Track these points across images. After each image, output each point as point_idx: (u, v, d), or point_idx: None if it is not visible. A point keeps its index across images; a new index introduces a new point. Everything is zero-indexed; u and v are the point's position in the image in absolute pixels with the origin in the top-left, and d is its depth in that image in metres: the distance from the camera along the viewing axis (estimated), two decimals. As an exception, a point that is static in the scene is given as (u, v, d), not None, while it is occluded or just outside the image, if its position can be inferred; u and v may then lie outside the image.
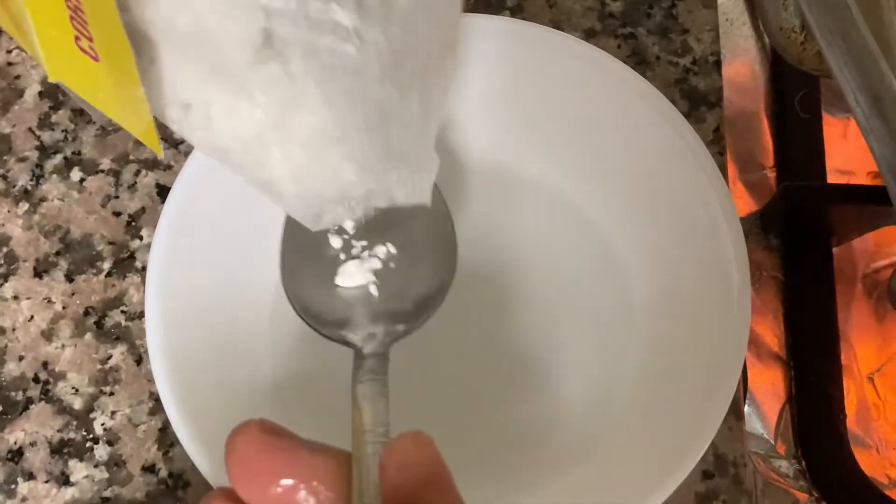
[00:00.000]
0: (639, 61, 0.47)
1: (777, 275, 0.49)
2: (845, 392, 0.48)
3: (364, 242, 0.33)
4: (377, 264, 0.34)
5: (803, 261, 0.49)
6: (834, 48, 0.30)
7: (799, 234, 0.49)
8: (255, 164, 0.28)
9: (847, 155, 0.52)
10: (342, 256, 0.33)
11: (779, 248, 0.49)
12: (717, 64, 0.47)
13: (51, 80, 0.21)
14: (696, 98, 0.46)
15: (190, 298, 0.38)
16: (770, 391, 0.48)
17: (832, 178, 0.51)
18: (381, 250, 0.34)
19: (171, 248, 0.38)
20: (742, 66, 0.52)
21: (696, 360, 0.38)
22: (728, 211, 0.38)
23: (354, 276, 0.34)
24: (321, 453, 0.26)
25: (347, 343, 0.33)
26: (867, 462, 0.47)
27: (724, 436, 0.41)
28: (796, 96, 0.51)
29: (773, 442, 0.47)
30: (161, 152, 0.25)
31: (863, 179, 0.52)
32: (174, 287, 0.38)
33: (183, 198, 0.38)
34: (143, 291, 0.44)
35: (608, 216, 0.42)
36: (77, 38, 0.22)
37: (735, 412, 0.41)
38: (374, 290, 0.33)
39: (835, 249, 0.50)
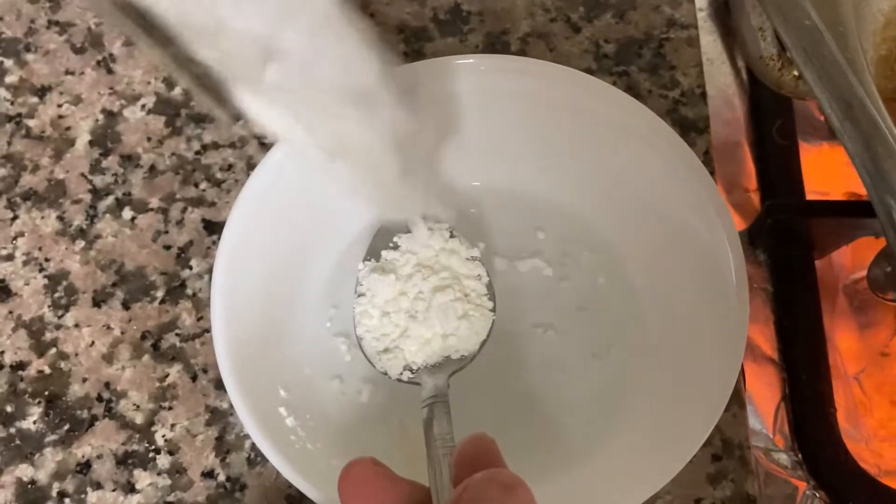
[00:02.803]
0: (633, 95, 0.52)
1: (766, 286, 0.53)
2: (834, 390, 0.51)
3: None
4: None
5: (789, 272, 0.53)
6: (810, 66, 0.35)
7: (784, 249, 0.53)
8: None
9: (822, 177, 0.57)
10: None
11: (766, 262, 0.54)
12: (703, 95, 0.53)
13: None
14: (686, 126, 0.52)
15: (248, 312, 0.42)
16: (766, 390, 0.51)
17: (810, 198, 0.55)
18: None
19: (231, 268, 0.42)
20: (724, 101, 0.57)
21: (701, 354, 0.43)
22: (727, 223, 0.43)
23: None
24: (413, 485, 0.33)
25: (415, 382, 0.40)
26: (858, 454, 0.51)
27: (729, 422, 0.45)
28: (774, 125, 0.56)
29: (771, 436, 0.50)
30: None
31: (838, 198, 0.57)
32: (235, 302, 0.42)
33: (238, 226, 0.43)
34: (195, 316, 0.48)
35: (618, 233, 0.47)
36: None
37: (738, 401, 0.46)
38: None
39: (817, 262, 0.54)
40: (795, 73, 0.45)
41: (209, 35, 0.29)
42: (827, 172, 0.57)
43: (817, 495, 0.48)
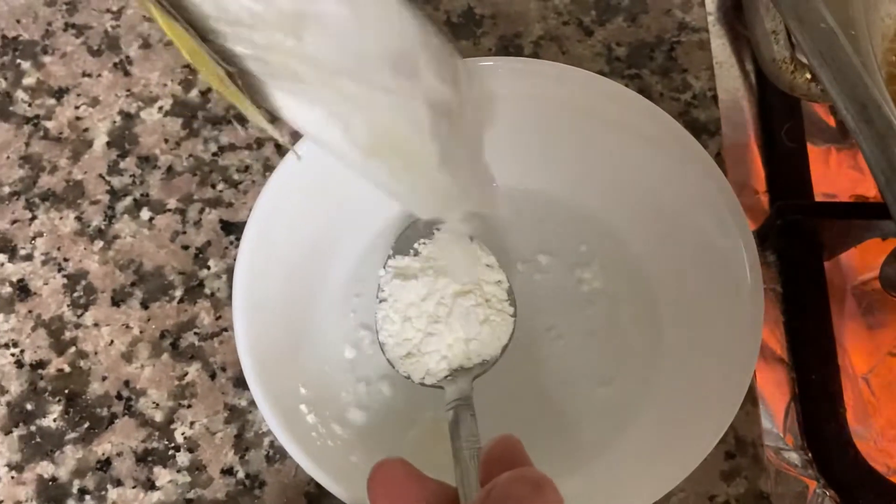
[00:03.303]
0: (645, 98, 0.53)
1: (776, 287, 0.54)
2: (843, 390, 0.52)
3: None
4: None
5: (798, 273, 0.54)
6: (825, 68, 0.36)
7: (793, 249, 0.54)
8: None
9: (830, 181, 0.58)
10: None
11: (775, 263, 0.54)
12: (714, 98, 0.53)
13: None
14: (698, 128, 0.52)
15: (269, 311, 0.43)
16: (777, 390, 0.52)
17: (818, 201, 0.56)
18: None
19: (252, 267, 0.43)
20: (733, 104, 0.57)
21: (716, 355, 0.43)
22: (741, 224, 0.43)
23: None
24: (441, 485, 0.33)
25: (438, 386, 0.40)
26: (867, 453, 0.52)
27: (743, 420, 0.46)
28: (782, 128, 0.56)
29: (781, 435, 0.51)
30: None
31: (845, 201, 0.57)
32: (257, 301, 0.42)
33: (259, 226, 0.43)
34: (214, 315, 0.48)
35: (633, 233, 0.48)
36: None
37: (751, 400, 0.46)
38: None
39: (826, 264, 0.54)
40: (808, 75, 0.46)
41: (245, 27, 0.29)
42: (834, 175, 0.58)
43: (827, 494, 0.49)
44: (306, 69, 0.31)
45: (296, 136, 0.50)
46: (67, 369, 0.48)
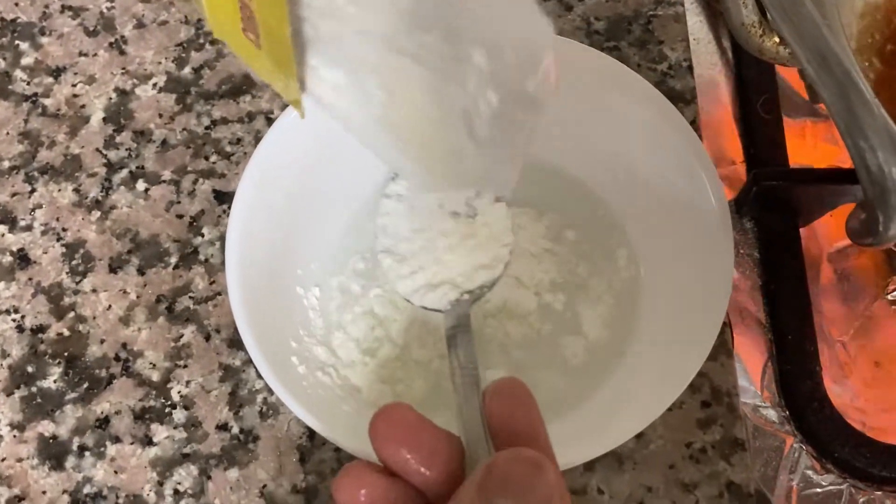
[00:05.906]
0: (623, 69, 0.55)
1: (753, 252, 0.56)
2: (820, 353, 0.54)
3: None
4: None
5: (774, 237, 0.56)
6: (787, 22, 0.38)
7: (769, 215, 0.56)
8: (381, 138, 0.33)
9: (806, 153, 0.59)
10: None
11: (752, 229, 0.56)
12: (690, 68, 0.55)
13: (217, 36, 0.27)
14: (674, 97, 0.54)
15: (259, 266, 0.45)
16: (754, 350, 0.53)
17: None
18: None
19: (244, 230, 0.44)
20: (710, 78, 0.59)
21: (691, 300, 0.45)
22: (712, 178, 0.45)
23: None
24: (451, 435, 0.32)
25: (436, 310, 0.41)
26: (844, 412, 0.53)
27: (718, 371, 0.48)
28: (759, 100, 0.58)
29: (759, 393, 0.53)
30: (304, 115, 0.31)
31: (820, 170, 0.59)
32: (248, 260, 0.44)
33: (250, 190, 0.45)
34: (208, 280, 0.50)
35: (610, 190, 0.50)
36: (244, 30, 0.29)
37: (725, 352, 0.48)
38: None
39: (802, 232, 0.56)
40: (776, 38, 0.48)
41: None
42: (810, 148, 0.59)
43: (804, 448, 0.50)
44: (352, 36, 0.28)
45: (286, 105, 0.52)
46: (67, 333, 0.50)
